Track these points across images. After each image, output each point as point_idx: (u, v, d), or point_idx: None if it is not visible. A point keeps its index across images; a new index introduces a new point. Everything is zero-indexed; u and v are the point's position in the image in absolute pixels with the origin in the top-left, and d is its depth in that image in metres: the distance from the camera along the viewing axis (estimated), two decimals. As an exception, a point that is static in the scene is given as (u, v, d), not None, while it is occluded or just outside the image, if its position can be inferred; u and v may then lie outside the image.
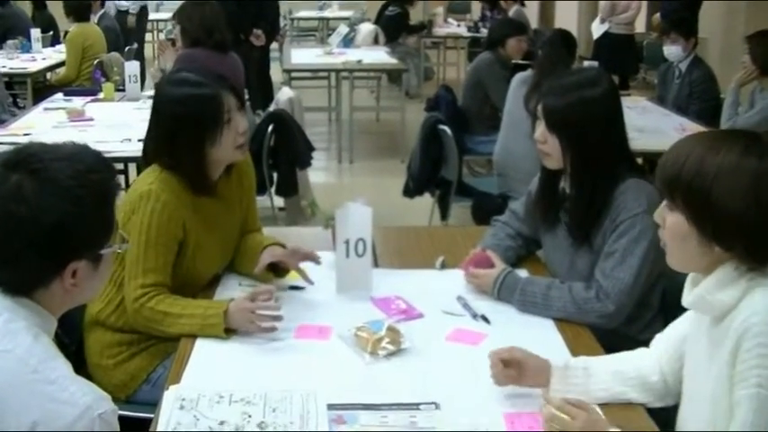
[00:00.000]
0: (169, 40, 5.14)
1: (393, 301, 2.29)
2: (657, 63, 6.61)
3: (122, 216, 2.13)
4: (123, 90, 5.54)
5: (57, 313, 1.52)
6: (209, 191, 2.30)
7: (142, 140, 2.39)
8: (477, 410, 1.78)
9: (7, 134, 4.40)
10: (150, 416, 1.77)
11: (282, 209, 5.13)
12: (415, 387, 1.86)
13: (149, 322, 2.17)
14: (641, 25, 10.17)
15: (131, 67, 5.51)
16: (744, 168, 1.49)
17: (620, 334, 2.19)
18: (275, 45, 8.42)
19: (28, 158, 1.44)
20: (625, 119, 2.32)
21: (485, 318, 2.21)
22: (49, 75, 7.65)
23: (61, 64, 7.25)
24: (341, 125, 7.56)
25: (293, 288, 2.39)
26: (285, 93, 5.24)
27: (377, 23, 9.78)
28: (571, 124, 2.23)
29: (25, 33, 7.86)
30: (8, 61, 7.18)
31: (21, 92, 7.14)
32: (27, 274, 1.45)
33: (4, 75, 6.39)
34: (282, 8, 8.01)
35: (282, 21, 9.43)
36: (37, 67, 7.13)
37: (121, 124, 4.59)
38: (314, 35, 13.65)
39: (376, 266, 2.48)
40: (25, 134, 4.36)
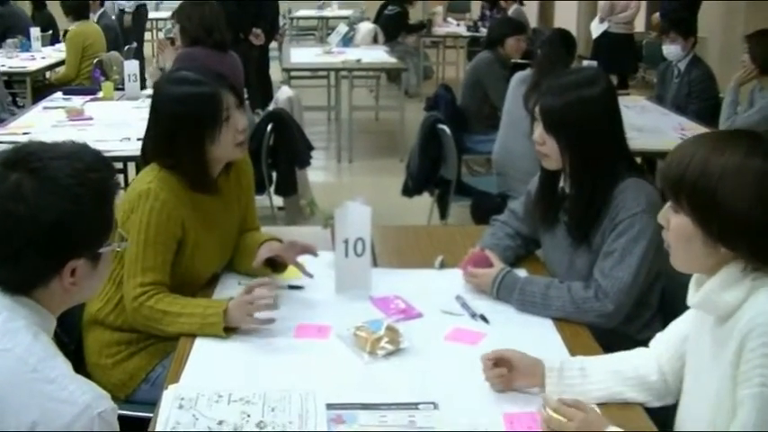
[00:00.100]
0: (168, 39, 5.13)
1: (392, 301, 2.29)
2: (656, 62, 6.61)
3: (121, 215, 2.13)
4: (122, 89, 5.54)
5: (56, 312, 1.52)
6: (209, 189, 2.30)
7: (141, 139, 2.40)
8: (476, 410, 1.78)
9: (6, 133, 4.40)
10: (149, 415, 1.77)
11: (281, 208, 5.13)
12: (414, 387, 1.86)
13: (148, 321, 2.17)
14: (640, 25, 10.17)
15: (131, 67, 5.51)
16: (748, 168, 1.49)
17: (618, 333, 2.20)
18: (274, 44, 8.42)
19: (27, 157, 1.44)
20: (624, 118, 2.32)
21: (483, 317, 2.21)
22: (49, 74, 7.65)
23: (61, 63, 7.25)
24: (340, 124, 7.56)
25: (292, 287, 2.39)
26: (284, 92, 5.24)
27: (376, 23, 9.78)
28: (569, 124, 2.23)
29: (25, 32, 7.85)
30: (7, 60, 7.17)
31: (20, 91, 7.13)
32: (26, 273, 1.45)
33: (4, 74, 6.39)
34: (282, 7, 8.00)
35: (282, 20, 9.42)
36: (36, 66, 7.12)
37: (121, 123, 4.59)
38: (313, 34, 13.66)
39: (375, 266, 2.48)
40: (24, 133, 4.36)
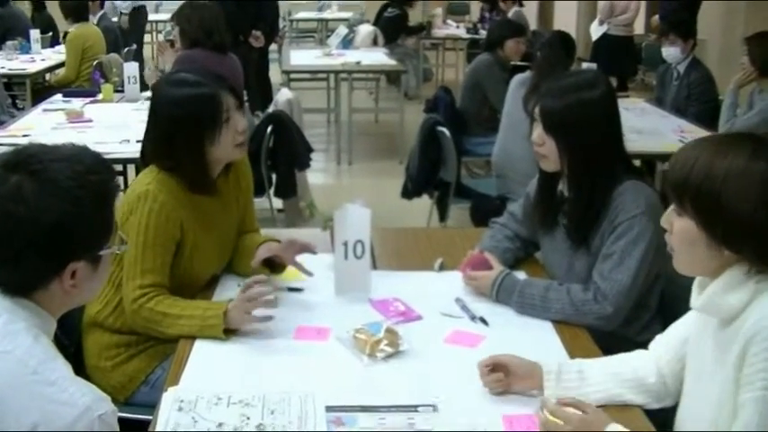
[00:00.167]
0: (168, 41, 5.14)
1: (391, 303, 2.29)
2: (656, 65, 6.62)
3: (120, 217, 2.13)
4: (122, 91, 5.54)
5: (56, 314, 1.53)
6: (208, 190, 2.30)
7: (141, 141, 2.40)
8: (475, 412, 1.78)
9: (6, 135, 4.41)
10: (149, 417, 1.77)
11: (281, 210, 5.13)
12: (414, 389, 1.86)
13: (148, 323, 2.17)
14: (640, 27, 10.17)
15: (130, 69, 5.51)
16: (752, 171, 1.49)
17: (617, 335, 2.20)
18: (274, 46, 8.42)
19: (27, 159, 1.44)
20: (623, 120, 2.32)
21: (483, 320, 2.21)
22: (49, 76, 7.65)
23: (60, 65, 7.25)
24: (340, 126, 7.56)
25: (291, 290, 2.39)
26: (284, 94, 5.24)
27: (376, 25, 9.79)
28: (568, 126, 2.23)
29: (24, 34, 7.85)
30: (7, 62, 7.17)
31: (20, 93, 7.13)
32: (26, 275, 1.45)
33: (4, 76, 6.40)
34: (281, 9, 8.01)
35: (281, 22, 9.42)
36: (36, 68, 7.12)
37: (120, 125, 4.59)
38: (313, 36, 13.67)
39: (374, 268, 2.48)
40: (24, 135, 4.36)
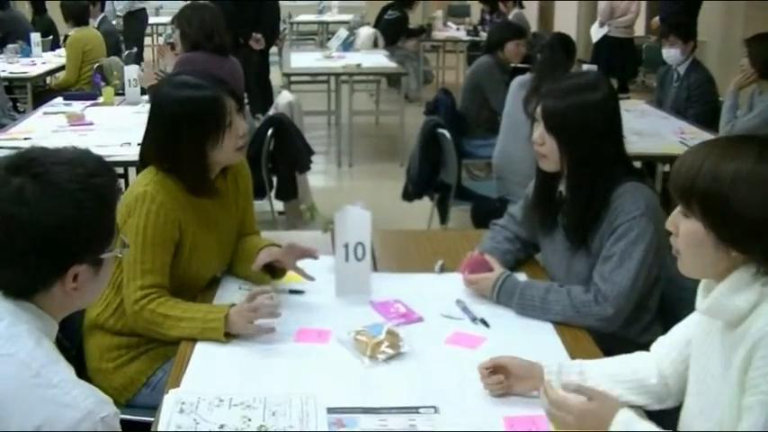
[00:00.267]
0: (168, 44, 5.15)
1: (392, 305, 2.30)
2: (656, 66, 6.62)
3: (119, 219, 2.13)
4: (123, 94, 5.55)
5: (58, 317, 1.53)
6: (206, 192, 2.30)
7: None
8: (476, 413, 1.79)
9: (7, 138, 4.41)
10: (150, 419, 1.78)
11: (282, 213, 5.13)
12: (415, 390, 1.87)
13: (149, 324, 2.17)
14: (640, 28, 10.18)
15: (131, 72, 5.52)
16: (759, 173, 1.49)
17: (618, 337, 2.20)
18: (275, 49, 8.42)
19: (30, 162, 1.45)
20: (624, 122, 2.33)
21: (484, 321, 2.22)
22: (49, 79, 7.66)
23: (61, 68, 7.26)
24: (340, 129, 7.57)
25: (293, 292, 2.39)
26: (284, 97, 5.24)
27: (376, 27, 9.78)
28: (571, 127, 2.24)
29: (25, 37, 7.85)
30: (8, 65, 7.17)
31: (21, 96, 7.14)
32: (29, 278, 1.45)
33: (5, 79, 6.39)
34: (282, 12, 8.01)
35: (282, 24, 9.42)
36: (37, 72, 7.13)
37: (121, 128, 4.59)
38: (313, 39, 13.68)
39: (375, 270, 2.48)
40: (25, 138, 4.37)
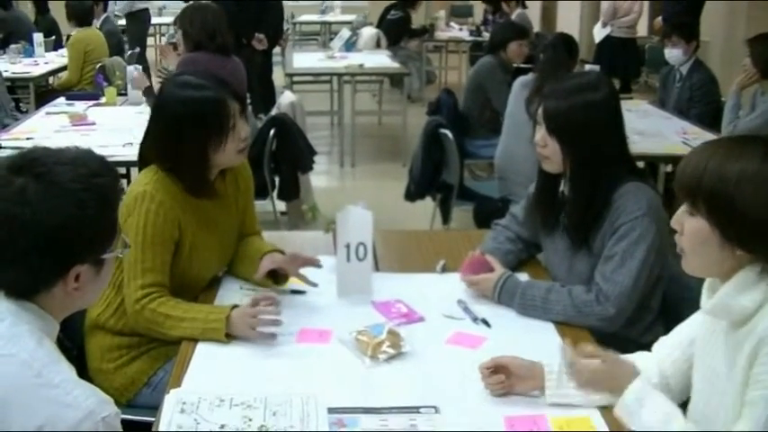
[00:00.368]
0: (171, 44, 5.15)
1: (393, 305, 2.30)
2: (659, 66, 6.62)
3: (119, 218, 2.14)
4: (125, 94, 5.55)
5: (59, 317, 1.53)
6: (205, 193, 2.30)
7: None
8: (476, 413, 1.79)
9: (10, 138, 4.42)
10: (151, 419, 1.78)
11: (284, 213, 5.13)
12: (416, 390, 1.87)
13: (150, 324, 2.17)
14: (643, 29, 10.17)
15: (133, 72, 5.52)
16: (765, 173, 1.49)
17: (620, 337, 2.19)
18: (277, 49, 8.42)
19: (32, 162, 1.45)
20: (626, 122, 2.32)
21: (485, 321, 2.22)
22: (52, 79, 7.66)
23: (63, 68, 7.26)
24: (343, 129, 7.57)
25: (294, 292, 2.39)
26: (287, 97, 5.24)
27: (379, 27, 9.78)
28: (572, 128, 2.23)
29: (28, 38, 7.86)
30: (11, 65, 7.18)
31: (23, 96, 7.15)
32: (30, 278, 1.45)
33: (7, 79, 6.40)
34: (285, 12, 8.01)
35: (285, 25, 9.43)
36: (39, 72, 7.13)
37: (123, 128, 4.59)
38: (316, 39, 13.69)
39: (377, 270, 2.48)
40: (28, 138, 4.38)
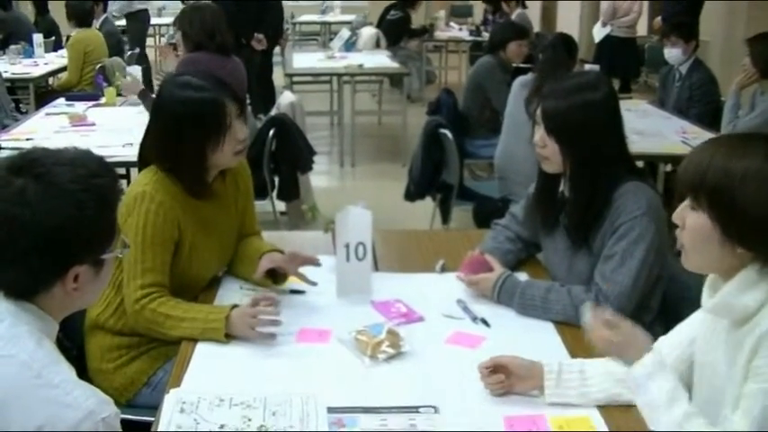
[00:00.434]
0: (171, 45, 5.15)
1: (393, 305, 2.30)
2: (659, 66, 6.62)
3: (118, 219, 2.13)
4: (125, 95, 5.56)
5: (58, 317, 1.53)
6: (203, 194, 2.30)
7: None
8: (476, 413, 1.79)
9: (10, 139, 4.42)
10: (151, 419, 1.78)
11: (284, 213, 5.13)
12: (415, 390, 1.87)
13: (150, 324, 2.17)
14: (643, 28, 10.16)
15: (133, 72, 5.52)
16: (767, 172, 1.49)
17: (619, 336, 2.20)
18: (277, 49, 8.42)
19: (31, 163, 1.45)
20: (625, 122, 2.32)
21: (484, 321, 2.22)
22: (52, 80, 7.66)
23: (63, 69, 7.26)
24: (342, 129, 7.57)
25: (294, 292, 2.40)
26: (286, 97, 5.24)
27: (379, 27, 9.78)
28: (572, 127, 2.23)
29: (27, 38, 7.86)
30: (10, 66, 7.18)
31: (23, 97, 7.15)
32: (30, 278, 1.45)
33: (7, 80, 6.40)
34: (285, 12, 8.01)
35: (285, 25, 9.43)
36: (39, 72, 7.13)
37: (123, 129, 4.60)
38: (316, 39, 13.69)
39: (376, 270, 2.49)
40: (27, 139, 4.38)
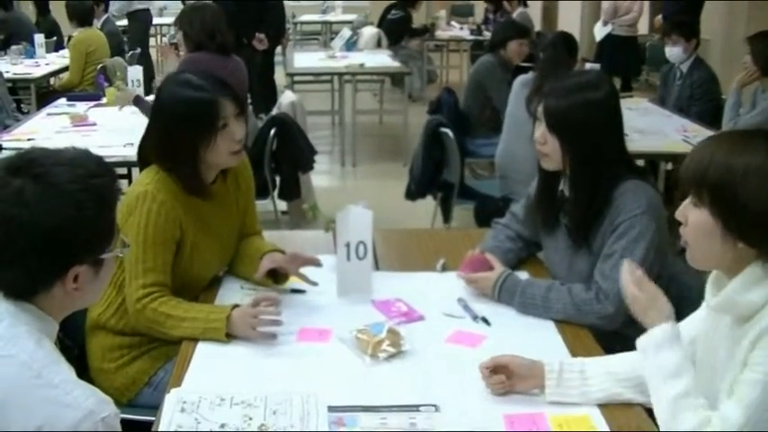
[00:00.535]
0: (172, 45, 5.15)
1: (393, 304, 2.30)
2: (660, 65, 6.62)
3: (119, 218, 2.14)
4: (126, 95, 5.55)
5: (58, 317, 1.53)
6: (202, 193, 2.30)
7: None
8: (476, 412, 1.79)
9: (11, 139, 4.43)
10: (151, 419, 1.78)
11: (285, 212, 5.14)
12: (415, 389, 1.87)
13: (151, 323, 2.17)
14: (644, 27, 10.16)
15: (134, 72, 5.53)
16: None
17: (619, 335, 2.19)
18: (278, 49, 8.42)
19: (30, 163, 1.45)
20: (626, 120, 2.34)
21: (485, 319, 2.22)
22: (53, 80, 7.67)
23: (64, 69, 7.27)
24: (344, 128, 7.57)
25: (294, 291, 2.40)
26: (287, 96, 5.24)
27: (380, 27, 9.79)
28: (572, 126, 2.24)
29: (29, 38, 7.87)
30: (12, 66, 7.19)
31: (25, 97, 7.15)
32: (29, 279, 1.46)
33: (8, 80, 6.41)
34: (286, 12, 8.01)
35: (286, 24, 9.43)
36: (40, 73, 7.14)
37: (124, 129, 4.59)
38: (317, 39, 13.70)
39: (377, 269, 2.49)
40: (29, 139, 4.39)
